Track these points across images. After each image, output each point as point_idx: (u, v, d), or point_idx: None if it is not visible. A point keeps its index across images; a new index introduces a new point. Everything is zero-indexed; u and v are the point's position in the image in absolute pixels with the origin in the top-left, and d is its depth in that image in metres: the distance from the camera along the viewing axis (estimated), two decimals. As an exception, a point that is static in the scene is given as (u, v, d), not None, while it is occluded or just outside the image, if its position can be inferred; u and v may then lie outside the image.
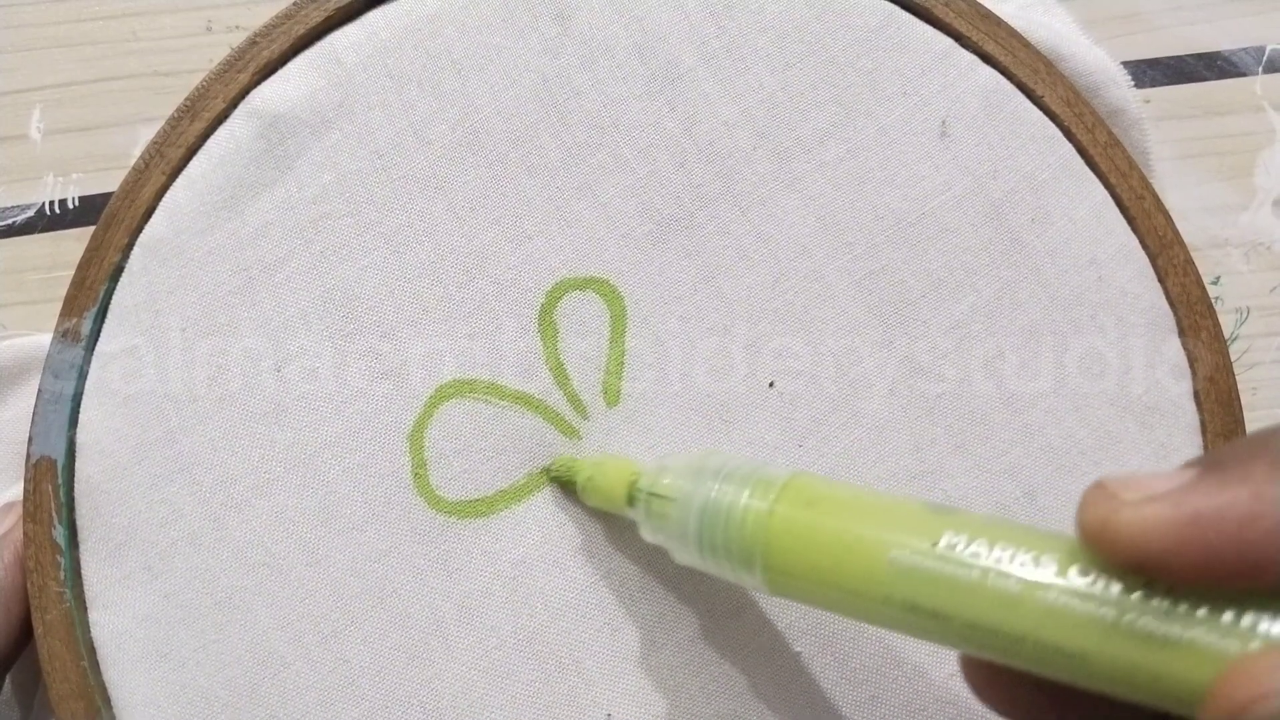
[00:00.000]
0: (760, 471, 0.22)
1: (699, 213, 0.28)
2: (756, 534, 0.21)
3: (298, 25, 0.29)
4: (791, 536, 0.20)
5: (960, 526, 0.18)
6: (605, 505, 0.26)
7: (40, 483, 0.27)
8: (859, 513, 0.20)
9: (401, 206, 0.28)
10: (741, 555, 0.21)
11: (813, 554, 0.20)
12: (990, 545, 0.18)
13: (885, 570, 0.18)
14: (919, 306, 0.28)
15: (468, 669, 0.26)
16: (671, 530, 0.23)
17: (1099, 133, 0.29)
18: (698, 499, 0.22)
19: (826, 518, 0.20)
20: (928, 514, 0.19)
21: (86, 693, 0.26)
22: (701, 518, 0.22)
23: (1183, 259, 0.29)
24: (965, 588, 0.18)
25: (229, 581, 0.26)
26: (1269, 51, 0.36)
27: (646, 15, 0.29)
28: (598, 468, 0.26)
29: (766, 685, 0.26)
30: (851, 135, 0.29)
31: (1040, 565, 0.17)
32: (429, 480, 0.27)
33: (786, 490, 0.21)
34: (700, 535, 0.22)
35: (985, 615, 0.17)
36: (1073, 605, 0.17)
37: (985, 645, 0.18)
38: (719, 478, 0.22)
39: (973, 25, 0.29)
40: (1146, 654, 0.16)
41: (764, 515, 0.21)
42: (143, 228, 0.28)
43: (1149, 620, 0.16)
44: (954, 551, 0.18)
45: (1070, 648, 0.17)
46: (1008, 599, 0.17)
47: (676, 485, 0.23)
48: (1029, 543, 0.18)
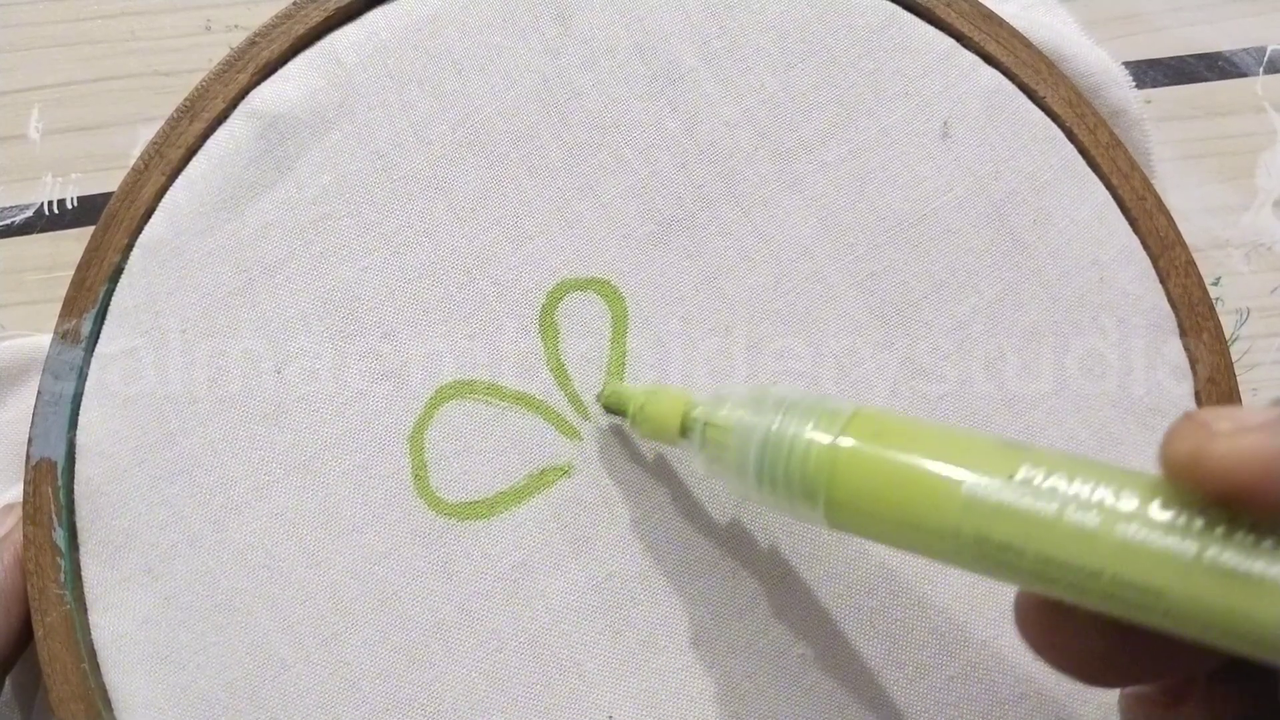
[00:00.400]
0: (824, 404, 0.21)
1: (700, 213, 0.28)
2: (821, 466, 0.20)
3: (297, 25, 0.29)
4: (858, 469, 0.20)
5: (1038, 460, 0.18)
6: (656, 436, 0.25)
7: (40, 485, 0.27)
8: (930, 445, 0.19)
9: (402, 207, 0.28)
10: (804, 488, 0.21)
11: (880, 486, 0.19)
12: (1069, 479, 0.17)
13: (958, 503, 0.18)
14: (920, 307, 0.28)
15: (468, 671, 0.26)
16: (729, 462, 0.22)
17: (1101, 133, 0.29)
18: (759, 430, 0.22)
19: (896, 450, 0.19)
20: (1003, 447, 0.18)
21: (87, 695, 0.26)
22: (763, 449, 0.21)
23: (1184, 260, 0.29)
24: (1041, 521, 0.17)
25: (229, 584, 0.26)
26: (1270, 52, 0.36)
27: (648, 15, 0.29)
28: (650, 396, 0.25)
29: (769, 687, 0.26)
30: (853, 136, 0.29)
31: (1121, 499, 0.17)
32: (429, 482, 0.27)
33: (853, 421, 0.20)
34: (761, 467, 0.21)
35: (1061, 549, 0.17)
36: (1154, 540, 0.16)
37: (1056, 581, 0.17)
38: (781, 409, 0.22)
39: (975, 26, 0.29)
40: (1228, 592, 0.16)
41: (829, 447, 0.20)
42: (142, 228, 0.28)
43: (1233, 556, 0.16)
44: (1031, 484, 0.17)
45: (1148, 583, 0.16)
46: (1085, 533, 0.17)
47: (735, 416, 0.22)
48: (1109, 478, 0.17)
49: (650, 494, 0.27)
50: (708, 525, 0.27)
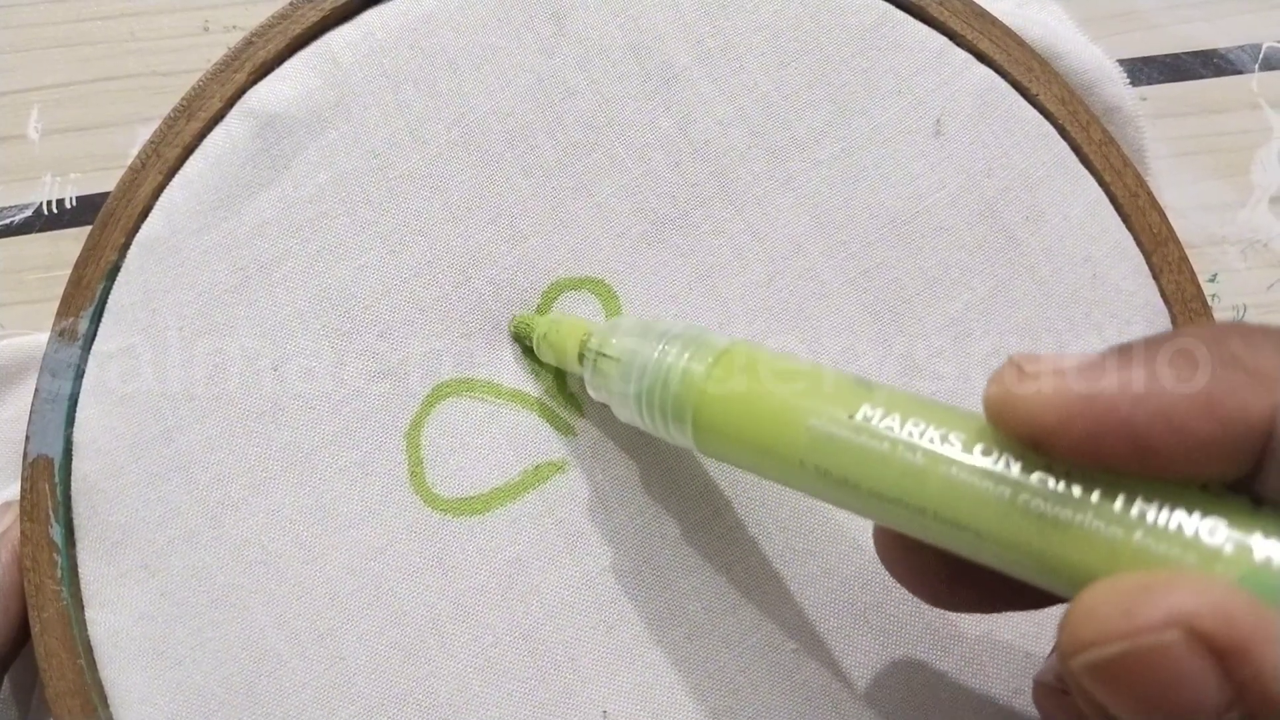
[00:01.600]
0: (702, 337, 0.23)
1: (694, 212, 0.29)
2: (689, 394, 0.22)
3: (294, 25, 0.29)
4: (721, 398, 0.21)
5: (879, 401, 0.19)
6: (558, 362, 0.27)
7: (37, 481, 0.27)
8: (786, 380, 0.20)
9: (398, 206, 0.28)
10: (675, 413, 0.22)
11: (738, 416, 0.21)
12: (903, 420, 0.18)
13: (803, 437, 0.19)
14: (914, 304, 0.28)
15: (463, 666, 0.26)
16: (614, 388, 0.24)
17: (1093, 130, 0.29)
18: (639, 358, 0.23)
19: (755, 383, 0.21)
20: (852, 386, 0.20)
21: (83, 690, 0.26)
22: (641, 377, 0.23)
23: (1177, 256, 0.29)
24: (874, 458, 0.18)
25: (226, 579, 0.26)
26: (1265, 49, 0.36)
27: (642, 15, 0.29)
28: (553, 325, 0.27)
29: (762, 681, 0.26)
30: (846, 134, 0.29)
31: (947, 442, 0.18)
32: (425, 478, 0.27)
33: (724, 356, 0.22)
34: (640, 394, 0.23)
35: (890, 486, 0.18)
36: (972, 482, 0.17)
37: (890, 516, 0.19)
38: (663, 339, 0.23)
39: (967, 24, 0.30)
40: (1036, 535, 0.16)
41: (699, 377, 0.22)
42: (140, 227, 0.28)
43: (1041, 501, 0.16)
44: (869, 423, 0.19)
45: (967, 523, 0.17)
46: (912, 472, 0.18)
47: (622, 345, 0.24)
48: (941, 420, 0.18)
49: (644, 490, 0.27)
50: (701, 521, 0.27)
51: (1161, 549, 0.15)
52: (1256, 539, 0.15)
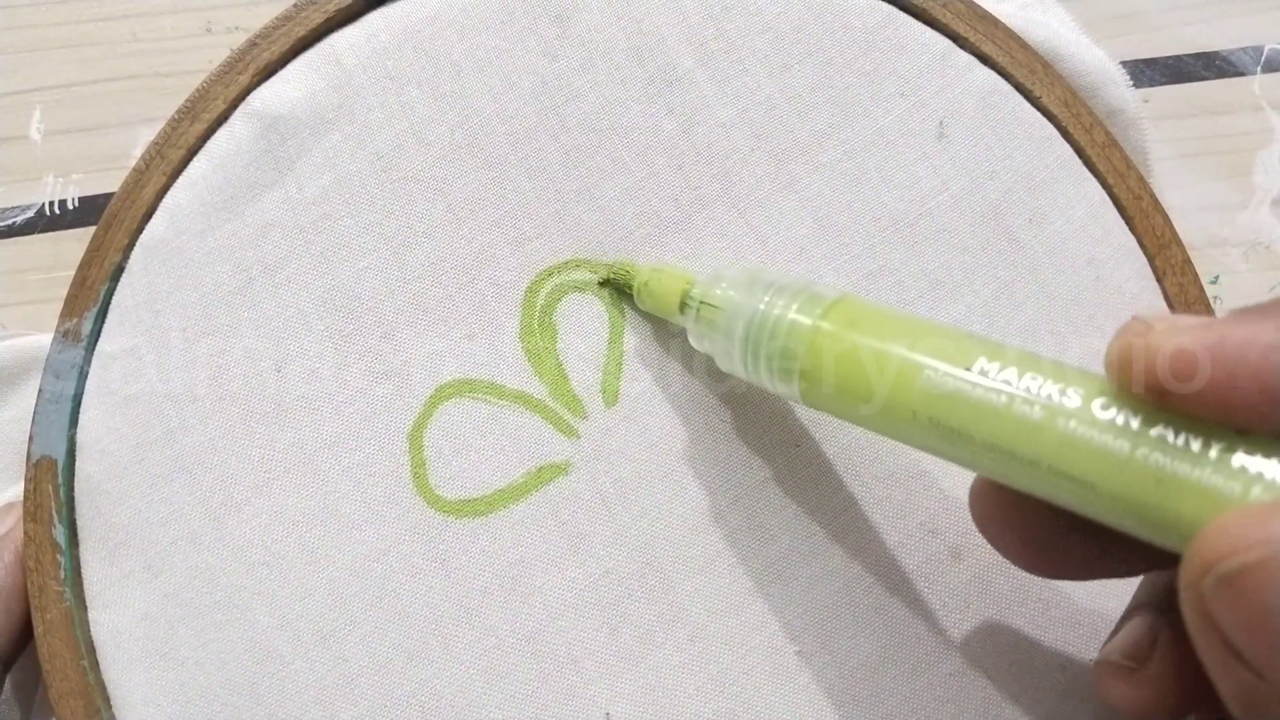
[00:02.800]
0: (811, 288, 0.23)
1: (696, 214, 0.29)
2: (796, 345, 0.22)
3: (298, 27, 0.29)
4: (830, 350, 0.21)
5: (995, 354, 0.19)
6: (658, 310, 0.27)
7: (41, 482, 0.27)
8: (900, 333, 0.21)
9: (401, 208, 0.28)
10: (782, 366, 0.22)
11: (849, 367, 0.21)
12: (1020, 373, 0.18)
13: (916, 388, 0.19)
14: (917, 307, 0.28)
15: (466, 668, 0.26)
16: (718, 338, 0.24)
17: (1096, 133, 0.29)
18: (746, 309, 0.23)
19: (867, 335, 0.21)
20: (966, 339, 0.20)
21: (86, 691, 0.26)
22: (748, 327, 0.23)
23: (1181, 259, 0.29)
24: (990, 410, 0.18)
25: (228, 581, 0.26)
26: (1267, 51, 0.36)
27: (645, 17, 0.29)
28: (655, 274, 0.27)
29: (765, 684, 0.26)
30: (849, 136, 0.29)
31: (1065, 396, 0.18)
32: (428, 479, 0.27)
33: (834, 308, 0.22)
34: (745, 344, 0.23)
35: (1005, 438, 0.18)
36: (1089, 435, 0.17)
37: (1000, 468, 0.19)
38: (770, 290, 0.23)
39: (970, 26, 0.30)
40: (1154, 489, 0.17)
41: (807, 329, 0.22)
42: (143, 228, 0.28)
43: (1160, 455, 0.17)
44: (986, 376, 0.19)
45: (1083, 476, 0.17)
46: (1028, 424, 0.18)
47: (728, 295, 0.24)
48: (1058, 375, 0.18)
49: (647, 491, 0.27)
50: (704, 523, 0.27)
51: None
52: None
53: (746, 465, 0.27)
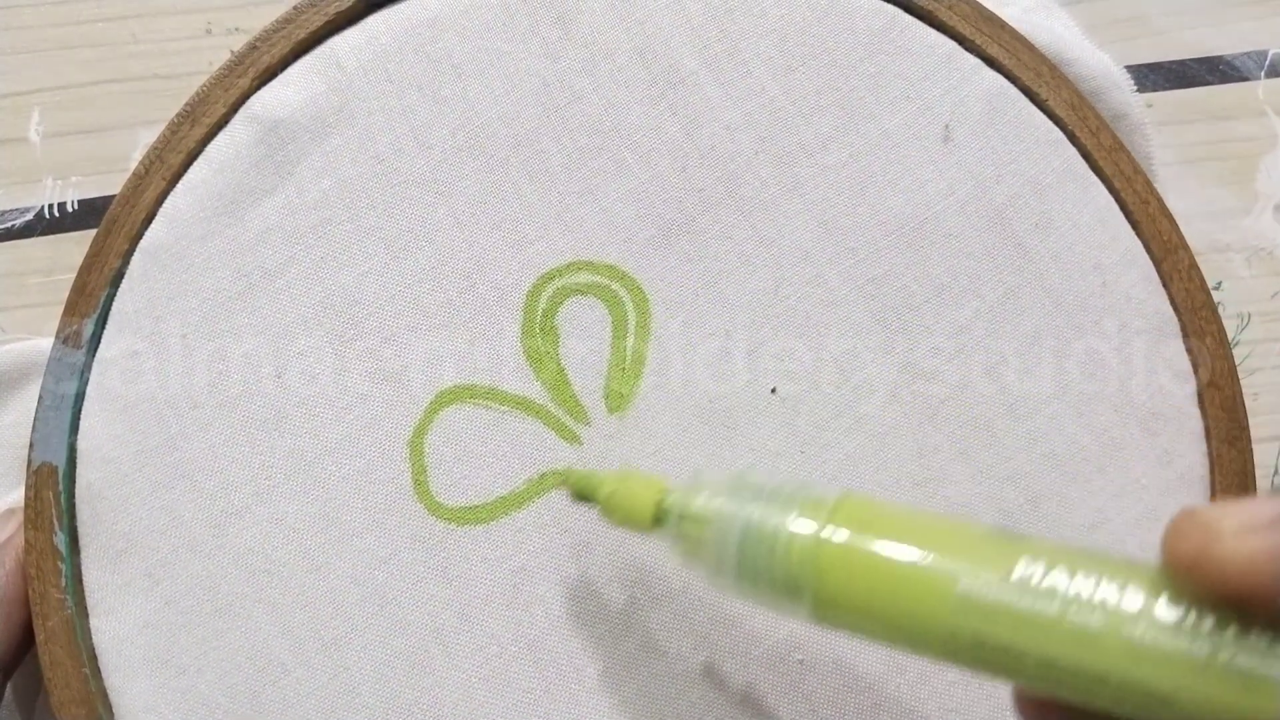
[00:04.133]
0: (806, 490, 0.20)
1: (700, 217, 0.28)
2: (806, 560, 0.19)
3: (298, 29, 0.29)
4: (846, 564, 0.19)
5: (1036, 553, 0.17)
6: (628, 525, 0.23)
7: (41, 489, 0.27)
8: (921, 538, 0.18)
9: (402, 211, 0.28)
10: (787, 584, 0.19)
11: (870, 584, 0.18)
12: (1070, 574, 0.17)
13: (953, 603, 0.17)
14: (922, 311, 0.28)
15: (468, 676, 0.26)
16: (708, 555, 0.21)
17: (1103, 136, 0.29)
18: (738, 521, 0.20)
19: (885, 544, 0.18)
20: (998, 540, 0.18)
21: (87, 699, 0.26)
22: (743, 542, 0.20)
23: (1187, 264, 0.29)
24: (1042, 622, 0.16)
25: (229, 588, 0.26)
26: (1271, 56, 0.36)
27: (648, 19, 0.29)
28: (621, 483, 0.23)
29: (768, 692, 0.26)
30: (854, 139, 0.29)
31: (1125, 598, 0.16)
32: (429, 487, 0.27)
33: (838, 511, 0.19)
34: (741, 561, 0.20)
35: (1065, 652, 0.16)
36: (1162, 642, 0.16)
37: (1061, 684, 0.17)
38: (760, 497, 0.20)
39: (976, 29, 0.29)
40: (1241, 696, 0.15)
41: (814, 540, 0.19)
42: (143, 233, 0.28)
43: (1244, 659, 0.15)
44: (1030, 582, 0.17)
45: (1158, 688, 0.16)
46: (1090, 635, 0.16)
47: (713, 506, 0.21)
48: (1112, 572, 0.17)
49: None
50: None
51: None
52: None
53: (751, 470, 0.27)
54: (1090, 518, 0.27)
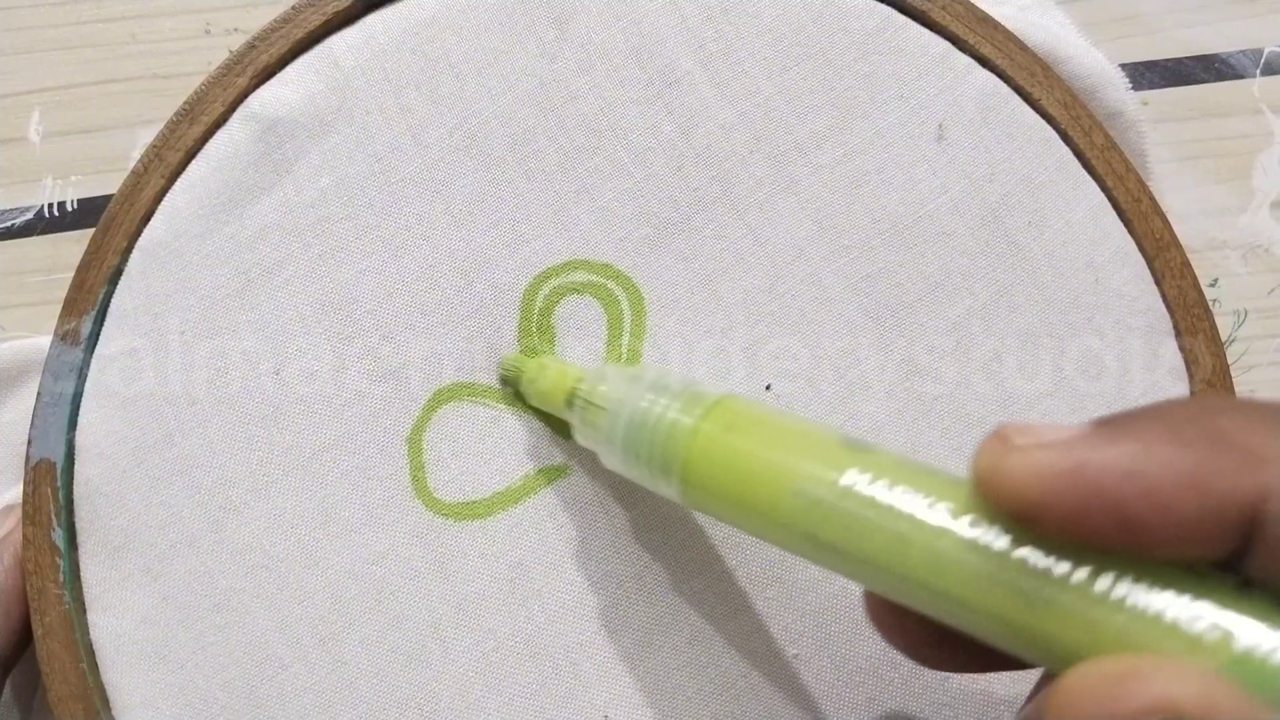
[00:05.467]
0: (693, 388, 0.22)
1: (696, 216, 0.29)
2: (676, 447, 0.21)
3: (296, 29, 0.29)
4: (708, 455, 0.21)
5: (867, 464, 0.18)
6: (545, 406, 0.27)
7: (39, 485, 0.27)
8: (775, 440, 0.20)
9: (400, 210, 0.28)
10: (661, 465, 0.22)
11: (726, 475, 0.20)
12: (891, 485, 0.18)
13: (789, 501, 0.19)
14: (916, 309, 0.28)
15: (465, 671, 0.26)
16: (600, 435, 0.23)
17: (1096, 135, 0.29)
18: (628, 407, 0.23)
19: (743, 442, 0.20)
20: (840, 448, 0.19)
21: (85, 694, 0.26)
22: (629, 425, 0.22)
23: (1180, 262, 0.29)
24: (860, 525, 0.18)
25: (227, 584, 0.26)
26: (1267, 54, 0.36)
27: (644, 19, 0.29)
28: (541, 369, 0.26)
29: (764, 687, 0.26)
30: (848, 138, 0.29)
31: (934, 510, 0.17)
32: (427, 483, 0.27)
33: (713, 410, 0.21)
34: (625, 442, 0.23)
35: (876, 554, 0.18)
36: (956, 553, 0.17)
37: (876, 582, 0.18)
38: (653, 389, 0.23)
39: (969, 28, 0.29)
40: (1021, 610, 0.16)
41: (687, 430, 0.21)
42: (142, 231, 0.28)
43: (1026, 578, 0.16)
44: (854, 489, 0.18)
45: (951, 593, 0.17)
46: (897, 539, 0.17)
47: (612, 392, 0.23)
48: (929, 487, 0.18)
49: (646, 495, 0.27)
50: (705, 525, 0.27)
51: (1144, 633, 0.15)
52: (1240, 626, 0.15)
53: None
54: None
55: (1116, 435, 0.16)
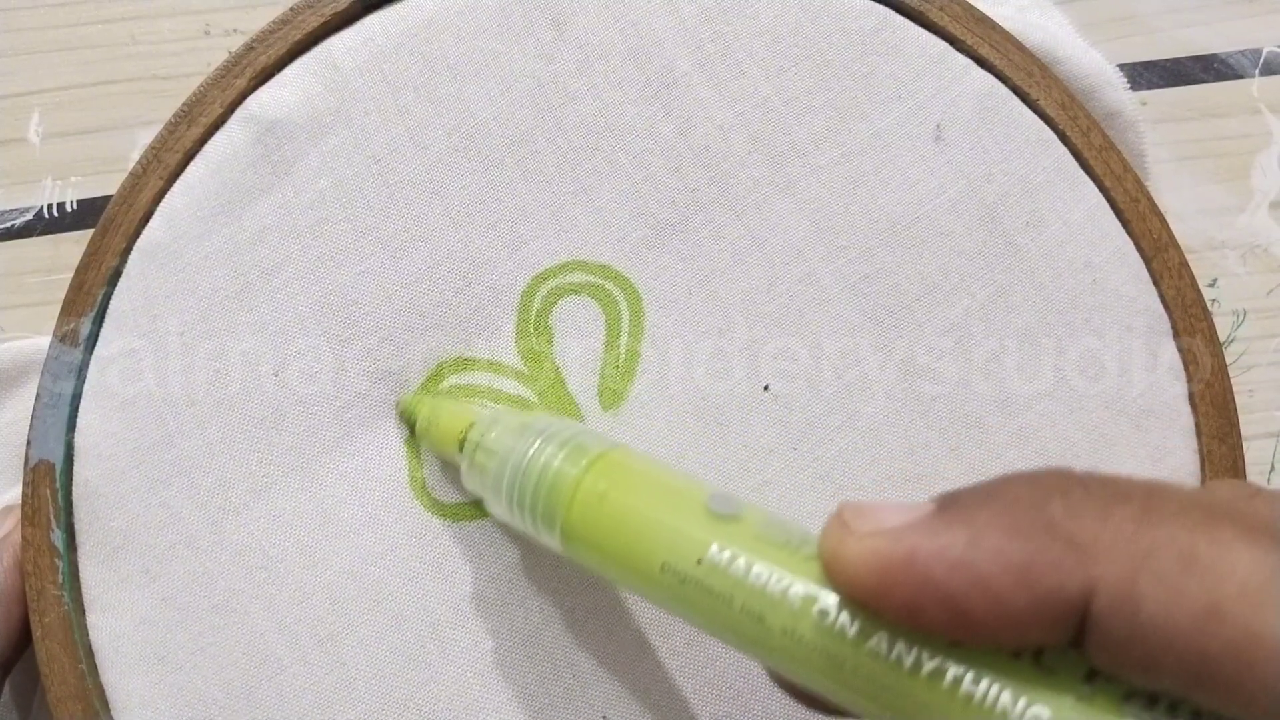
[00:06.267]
0: (579, 438, 0.22)
1: (694, 217, 0.29)
2: (558, 499, 0.21)
3: (295, 31, 0.29)
4: (586, 514, 0.21)
5: (729, 538, 0.19)
6: (437, 450, 0.26)
7: (39, 486, 0.27)
8: (645, 508, 0.20)
9: (398, 211, 0.28)
10: (544, 516, 0.22)
11: (602, 537, 0.21)
12: (750, 562, 0.18)
13: (658, 575, 0.19)
14: (913, 310, 0.28)
15: (463, 671, 0.26)
16: (487, 481, 0.23)
17: (1094, 136, 0.29)
18: (514, 456, 0.22)
19: (619, 503, 0.21)
20: (705, 520, 0.19)
21: (84, 695, 0.26)
22: (513, 475, 0.22)
23: (1178, 262, 0.29)
24: (723, 604, 0.18)
25: (226, 584, 0.26)
26: (1265, 54, 0.36)
27: (642, 20, 0.29)
28: (435, 412, 0.26)
29: (762, 686, 0.26)
30: (846, 139, 0.29)
31: (791, 591, 0.18)
32: (426, 484, 0.27)
33: (596, 463, 0.21)
34: (509, 491, 0.22)
35: (739, 630, 0.18)
36: (811, 636, 0.17)
37: (744, 652, 0.19)
38: (541, 436, 0.22)
39: (967, 29, 0.29)
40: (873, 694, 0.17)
41: (569, 482, 0.21)
42: (140, 232, 0.28)
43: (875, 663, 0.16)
44: (717, 566, 0.18)
45: (810, 674, 0.17)
46: (757, 620, 0.18)
47: (501, 439, 0.23)
48: (788, 563, 0.18)
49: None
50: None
51: None
52: None
53: (744, 468, 0.27)
54: (1081, 514, 0.27)
55: (952, 521, 0.16)
